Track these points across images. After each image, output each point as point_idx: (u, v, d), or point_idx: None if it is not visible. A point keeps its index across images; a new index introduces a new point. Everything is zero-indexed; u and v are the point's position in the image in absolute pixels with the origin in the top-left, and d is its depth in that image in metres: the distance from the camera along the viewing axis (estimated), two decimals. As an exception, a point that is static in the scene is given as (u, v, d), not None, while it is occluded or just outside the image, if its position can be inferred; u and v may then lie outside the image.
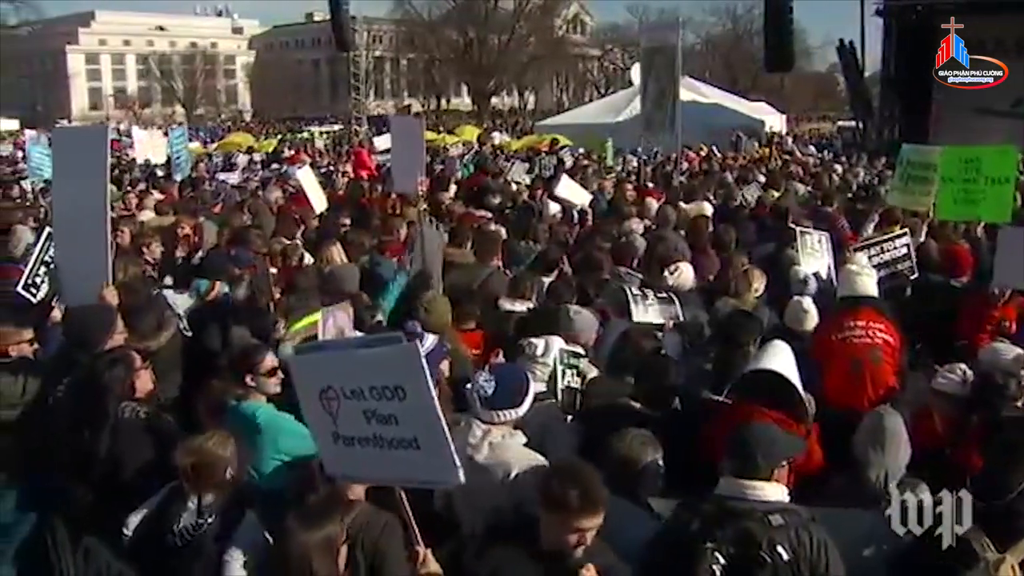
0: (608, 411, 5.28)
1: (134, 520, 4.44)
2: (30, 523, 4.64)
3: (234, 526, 4.23)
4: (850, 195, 15.11)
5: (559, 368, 5.59)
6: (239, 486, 4.50)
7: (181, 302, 7.46)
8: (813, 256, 8.37)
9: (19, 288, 7.04)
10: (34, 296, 7.06)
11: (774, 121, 42.52)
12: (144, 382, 5.28)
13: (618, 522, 3.97)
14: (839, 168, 21.80)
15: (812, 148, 34.01)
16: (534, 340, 5.76)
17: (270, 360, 5.31)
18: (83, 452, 4.90)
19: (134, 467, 4.72)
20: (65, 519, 4.65)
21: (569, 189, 10.28)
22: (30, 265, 7.23)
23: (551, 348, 5.64)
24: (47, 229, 7.46)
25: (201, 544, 4.23)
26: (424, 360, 3.41)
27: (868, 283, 6.73)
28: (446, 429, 3.46)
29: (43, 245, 7.29)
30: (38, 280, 7.11)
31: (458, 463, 3.48)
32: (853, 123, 40.57)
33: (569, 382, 5.66)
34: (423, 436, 3.47)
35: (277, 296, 7.21)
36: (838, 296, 6.91)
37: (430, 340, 5.20)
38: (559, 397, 5.50)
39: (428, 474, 3.55)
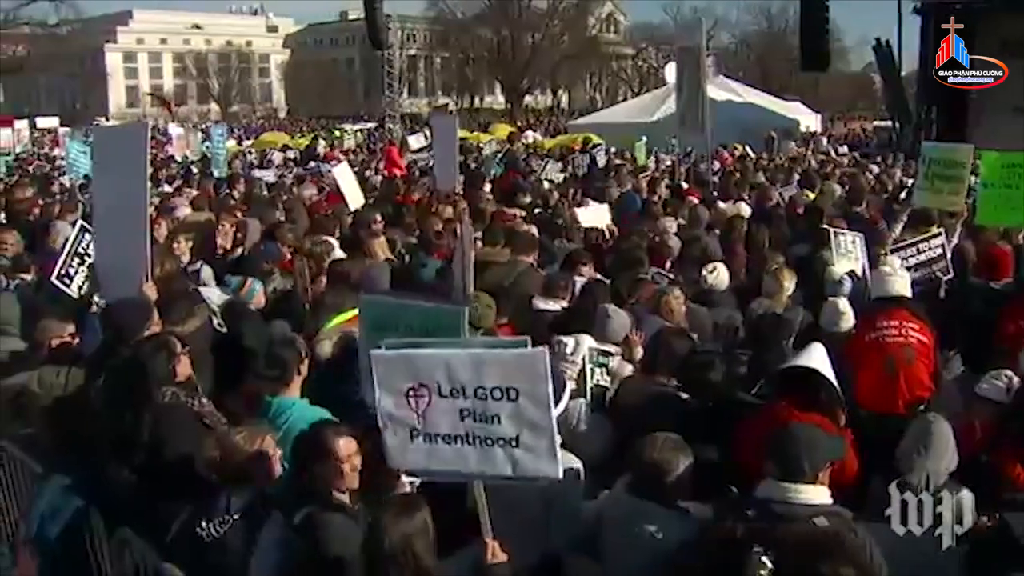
0: (648, 402, 5.28)
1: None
2: (71, 512, 4.73)
3: (262, 523, 4.23)
4: (886, 196, 14.96)
5: (588, 366, 5.60)
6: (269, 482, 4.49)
7: (215, 297, 7.56)
8: (847, 257, 8.31)
9: (52, 279, 7.12)
10: (67, 287, 7.14)
11: (809, 121, 42.18)
12: (185, 367, 5.35)
13: (650, 526, 3.99)
14: (874, 168, 21.60)
15: (844, 148, 33.68)
16: (564, 339, 5.79)
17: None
18: (125, 436, 4.96)
19: (175, 451, 4.75)
20: (103, 509, 4.73)
21: (592, 214, 10.27)
22: (63, 256, 7.32)
23: (581, 347, 5.65)
24: (79, 222, 7.55)
25: (227, 541, 4.22)
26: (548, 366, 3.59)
27: (901, 284, 6.65)
28: (555, 428, 3.64)
29: (76, 237, 7.39)
30: (71, 271, 7.20)
31: (559, 456, 3.66)
32: (889, 123, 40.15)
33: (598, 380, 5.67)
34: (527, 434, 3.64)
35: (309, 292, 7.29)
36: (871, 297, 6.85)
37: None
38: (588, 395, 5.51)
39: (524, 470, 3.70)
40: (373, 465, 4.21)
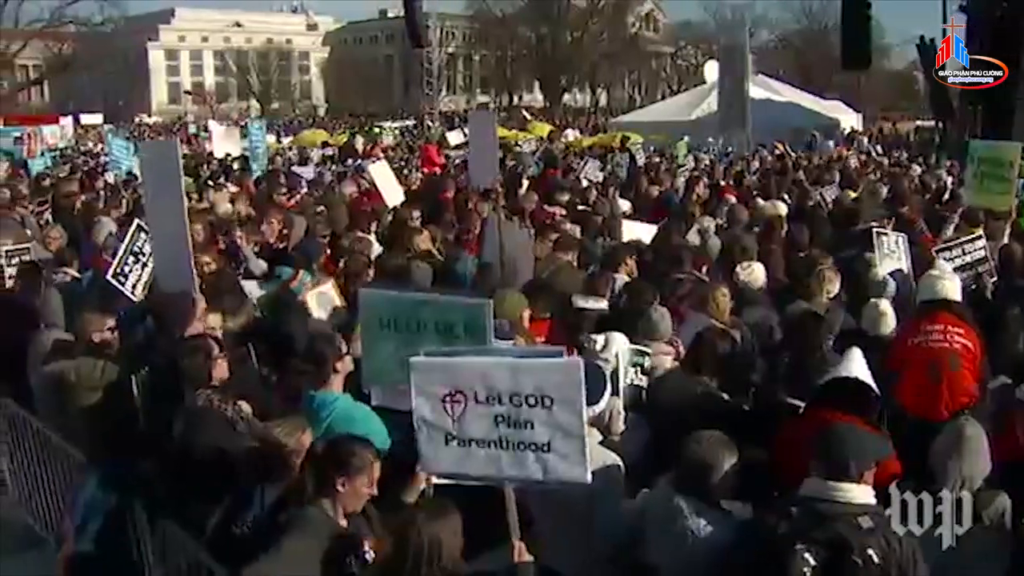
0: (690, 401, 5.26)
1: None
2: (111, 503, 4.79)
3: (297, 518, 4.23)
4: (928, 196, 14.79)
5: (623, 365, 5.58)
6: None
7: (254, 290, 7.68)
8: (890, 258, 8.23)
9: (108, 276, 7.26)
10: (122, 285, 7.29)
11: (849, 120, 41.70)
12: (221, 370, 5.36)
13: (693, 524, 3.98)
14: (917, 169, 21.33)
15: (879, 148, 33.15)
16: (595, 336, 5.78)
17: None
18: (158, 436, 5.02)
19: (205, 454, 4.78)
20: (144, 502, 4.80)
21: (638, 229, 10.28)
22: (119, 255, 7.50)
23: (611, 344, 5.63)
24: (136, 221, 7.73)
25: (261, 535, 4.23)
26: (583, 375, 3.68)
27: (950, 287, 6.48)
28: (586, 435, 3.71)
29: (132, 236, 7.55)
30: (126, 269, 7.37)
31: (588, 461, 3.71)
32: (932, 123, 39.66)
33: (633, 379, 5.66)
34: (559, 440, 3.70)
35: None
36: (918, 300, 6.74)
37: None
38: (621, 394, 5.50)
39: (554, 474, 3.76)
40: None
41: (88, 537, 4.81)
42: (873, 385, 4.78)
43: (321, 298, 6.66)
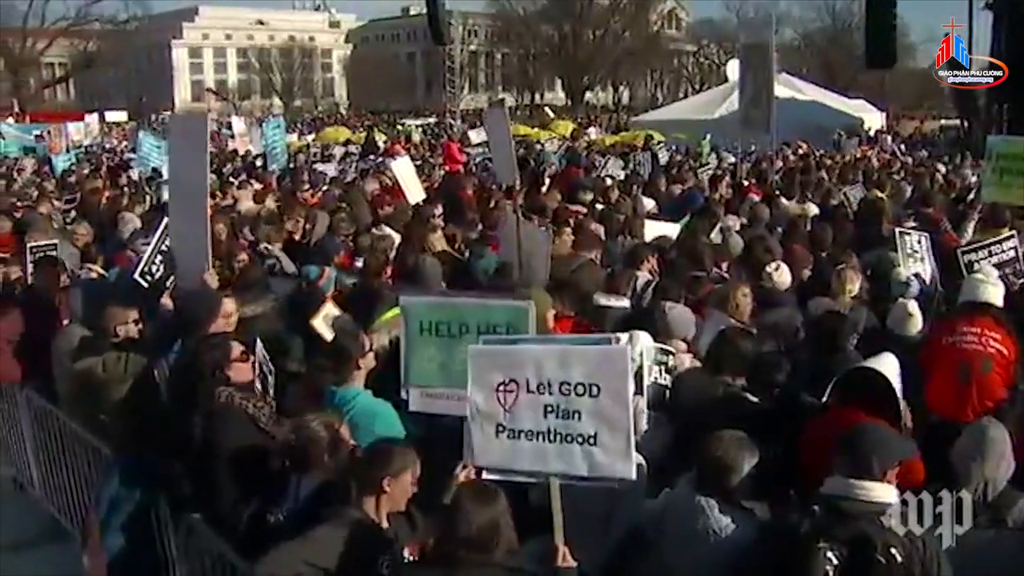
0: (713, 401, 5.25)
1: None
2: (135, 497, 4.83)
3: (334, 512, 4.21)
4: (953, 196, 14.67)
5: (647, 364, 5.57)
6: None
7: (279, 288, 7.72)
8: (913, 258, 8.17)
9: (135, 275, 7.30)
10: (148, 283, 7.31)
11: (873, 119, 41.46)
12: (240, 372, 5.26)
13: (713, 524, 3.97)
14: (942, 168, 21.18)
15: (901, 147, 32.85)
16: (619, 335, 5.75)
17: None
18: (180, 434, 5.01)
19: (226, 452, 4.76)
20: (168, 496, 4.83)
21: (661, 228, 10.26)
22: (147, 254, 7.47)
23: (636, 343, 5.62)
24: (165, 219, 7.77)
25: (296, 527, 4.20)
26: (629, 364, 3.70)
27: (993, 292, 6.38)
28: (632, 428, 3.73)
29: (161, 234, 7.58)
30: (153, 268, 7.36)
31: (635, 458, 3.73)
32: (957, 121, 39.35)
33: (656, 378, 5.64)
34: (605, 433, 3.73)
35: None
36: (959, 301, 6.65)
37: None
38: (645, 392, 5.48)
39: (600, 469, 3.79)
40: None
41: (113, 532, 4.85)
42: (899, 389, 4.75)
43: (326, 319, 6.64)
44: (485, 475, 4.03)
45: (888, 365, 4.88)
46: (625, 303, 7.04)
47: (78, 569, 5.29)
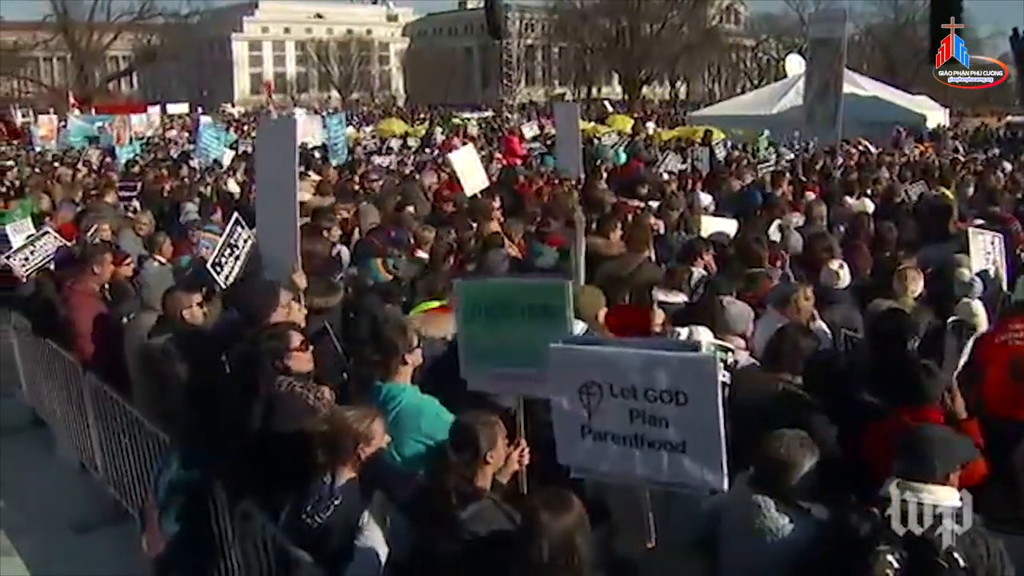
0: (771, 399, 5.19)
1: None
2: (194, 483, 4.90)
3: (364, 506, 4.25)
4: (1020, 195, 14.35)
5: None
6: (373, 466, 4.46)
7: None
8: (985, 258, 8.00)
9: (208, 266, 7.51)
10: (218, 275, 7.50)
11: (936, 116, 40.60)
12: (299, 362, 5.27)
13: (771, 523, 3.93)
14: (1007, 166, 20.71)
15: (957, 143, 32.05)
16: (679, 329, 5.73)
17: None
18: (239, 422, 5.06)
19: (284, 441, 4.78)
20: (225, 483, 4.89)
21: (719, 224, 10.16)
22: (218, 247, 7.72)
23: (694, 338, 5.57)
24: (235, 215, 7.98)
25: (332, 526, 4.25)
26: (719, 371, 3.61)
27: None
28: (723, 439, 3.58)
29: (231, 230, 7.76)
30: (223, 260, 7.56)
31: (725, 466, 3.61)
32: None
33: (717, 374, 5.59)
34: (694, 442, 3.62)
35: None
36: (1014, 299, 6.55)
37: (578, 328, 5.20)
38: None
39: (690, 478, 3.68)
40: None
41: (171, 517, 4.92)
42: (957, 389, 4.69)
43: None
44: (572, 474, 4.00)
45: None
46: (682, 298, 6.99)
47: (137, 552, 5.38)
